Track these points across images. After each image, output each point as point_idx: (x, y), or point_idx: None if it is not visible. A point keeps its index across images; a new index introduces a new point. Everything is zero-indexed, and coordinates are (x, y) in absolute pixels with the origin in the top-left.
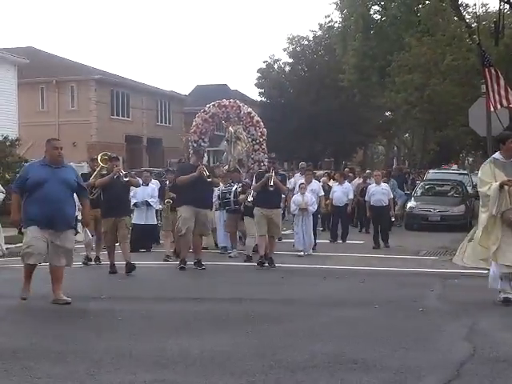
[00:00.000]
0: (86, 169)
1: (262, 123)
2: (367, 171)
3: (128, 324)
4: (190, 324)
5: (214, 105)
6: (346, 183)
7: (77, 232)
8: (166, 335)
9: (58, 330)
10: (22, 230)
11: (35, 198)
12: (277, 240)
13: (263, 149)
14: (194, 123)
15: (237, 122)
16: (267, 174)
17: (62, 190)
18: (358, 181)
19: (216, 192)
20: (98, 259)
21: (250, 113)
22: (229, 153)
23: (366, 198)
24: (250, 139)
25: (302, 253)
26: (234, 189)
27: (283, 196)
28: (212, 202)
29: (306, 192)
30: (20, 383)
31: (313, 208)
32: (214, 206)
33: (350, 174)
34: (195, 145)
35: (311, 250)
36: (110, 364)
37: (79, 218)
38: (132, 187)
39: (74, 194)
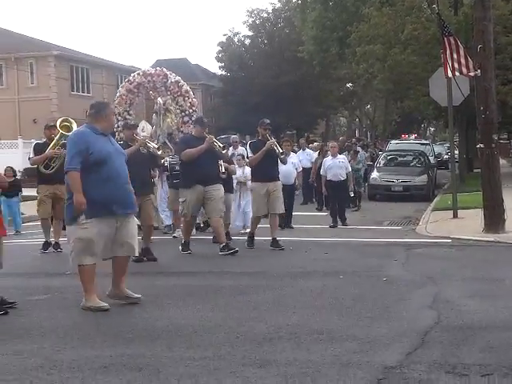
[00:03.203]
0: None
1: (191, 93)
2: (315, 143)
3: None
4: (155, 298)
5: (138, 73)
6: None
7: None
8: (132, 310)
9: (22, 306)
10: (80, 220)
11: (101, 178)
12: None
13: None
14: (117, 94)
15: (164, 91)
16: (269, 142)
17: (123, 165)
18: (301, 153)
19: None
20: (57, 245)
21: (177, 82)
22: (157, 126)
23: (322, 171)
24: (178, 111)
25: (243, 230)
26: None
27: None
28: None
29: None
30: None
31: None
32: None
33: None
34: (120, 118)
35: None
36: (76, 339)
37: None
38: None
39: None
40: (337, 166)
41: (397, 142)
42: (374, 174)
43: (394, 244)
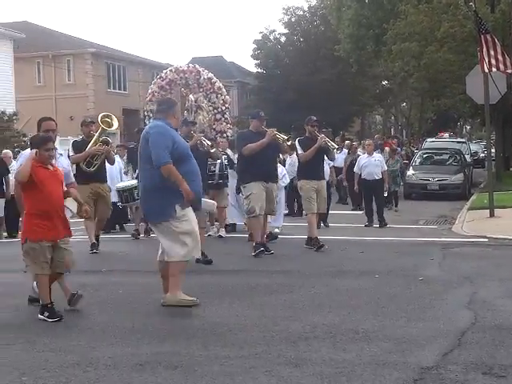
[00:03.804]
0: None
1: (224, 90)
2: (346, 142)
3: (129, 297)
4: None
5: (170, 70)
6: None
7: None
8: (167, 308)
9: (59, 303)
10: (178, 212)
11: (185, 172)
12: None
13: (226, 118)
14: (149, 91)
15: (196, 88)
16: (321, 137)
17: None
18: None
19: None
20: (95, 246)
21: (210, 78)
22: None
23: (356, 169)
24: (210, 108)
25: (277, 230)
26: (219, 161)
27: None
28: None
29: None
30: (22, 356)
31: (282, 182)
32: None
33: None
34: (151, 114)
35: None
36: (111, 337)
37: None
38: None
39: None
40: (372, 164)
41: (433, 140)
42: (410, 173)
43: (430, 243)
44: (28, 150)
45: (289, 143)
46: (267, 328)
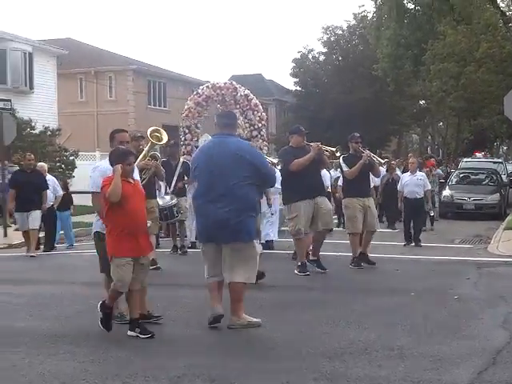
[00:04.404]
0: None
1: (260, 106)
2: (385, 160)
3: (166, 310)
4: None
5: (207, 86)
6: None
7: None
8: (202, 321)
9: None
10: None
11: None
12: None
13: (262, 135)
14: (185, 107)
15: (233, 105)
16: (366, 153)
17: None
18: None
19: None
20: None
21: (247, 95)
22: None
23: (399, 187)
24: (247, 125)
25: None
26: None
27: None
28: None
29: None
30: (63, 366)
31: None
32: None
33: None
34: (187, 130)
35: None
36: (150, 349)
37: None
38: None
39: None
40: (414, 183)
41: (469, 159)
42: (446, 192)
43: (466, 262)
44: (104, 164)
45: (338, 154)
46: (303, 343)
